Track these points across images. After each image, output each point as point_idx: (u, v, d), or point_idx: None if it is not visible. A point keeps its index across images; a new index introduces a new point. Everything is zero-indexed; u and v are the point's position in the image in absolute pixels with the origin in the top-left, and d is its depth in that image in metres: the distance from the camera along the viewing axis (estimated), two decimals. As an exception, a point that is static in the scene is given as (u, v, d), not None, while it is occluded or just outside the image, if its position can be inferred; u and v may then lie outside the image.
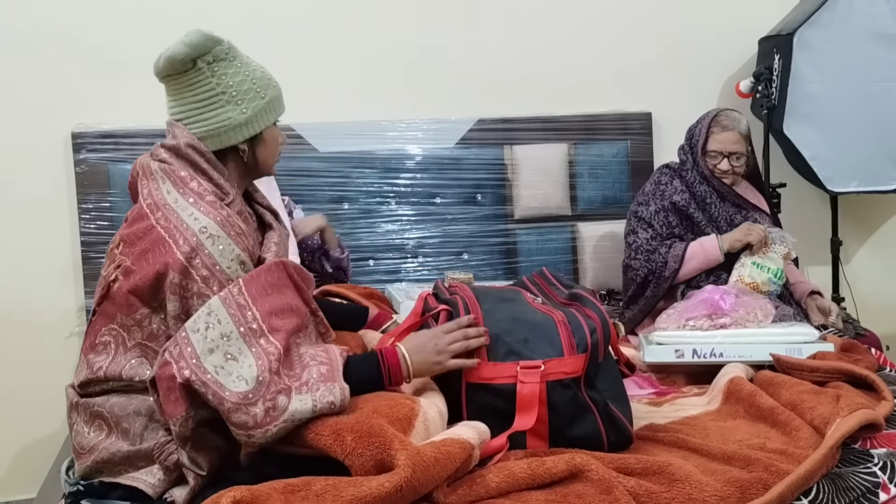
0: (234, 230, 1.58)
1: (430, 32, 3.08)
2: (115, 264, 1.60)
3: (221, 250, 1.55)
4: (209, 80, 1.65)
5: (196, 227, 1.54)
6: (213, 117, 1.65)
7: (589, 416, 1.65)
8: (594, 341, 1.66)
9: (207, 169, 1.64)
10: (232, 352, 1.46)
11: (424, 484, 1.38)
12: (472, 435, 1.51)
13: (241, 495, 1.32)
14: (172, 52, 1.63)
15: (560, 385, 1.63)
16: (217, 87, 1.65)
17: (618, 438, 1.67)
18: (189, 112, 1.66)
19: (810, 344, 2.12)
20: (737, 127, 2.57)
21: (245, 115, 1.67)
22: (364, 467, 1.40)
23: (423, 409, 1.56)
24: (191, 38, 1.64)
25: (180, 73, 1.65)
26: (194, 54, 1.64)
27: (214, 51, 1.65)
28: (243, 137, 1.68)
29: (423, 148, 3.04)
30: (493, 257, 3.08)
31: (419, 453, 1.39)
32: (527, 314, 1.74)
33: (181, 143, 1.63)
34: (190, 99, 1.66)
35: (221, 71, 1.66)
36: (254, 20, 2.93)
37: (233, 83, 1.66)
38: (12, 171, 2.83)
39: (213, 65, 1.65)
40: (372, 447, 1.40)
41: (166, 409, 1.45)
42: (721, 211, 2.60)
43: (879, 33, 2.95)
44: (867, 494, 1.54)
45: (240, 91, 1.67)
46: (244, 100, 1.67)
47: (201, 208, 1.57)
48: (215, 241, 1.54)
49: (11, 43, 2.81)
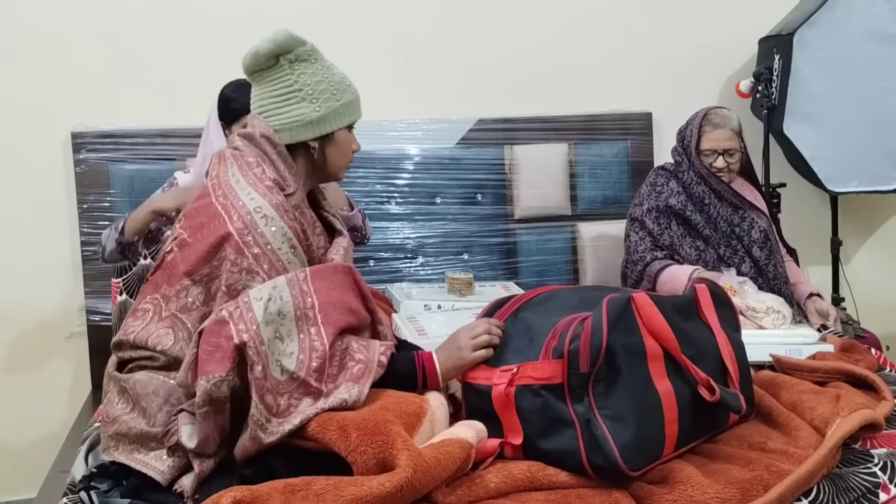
0: (287, 215, 1.65)
1: (431, 32, 3.08)
2: (174, 236, 1.68)
3: (273, 231, 1.62)
4: (289, 76, 1.73)
5: (251, 205, 1.62)
6: (288, 112, 1.73)
7: (567, 431, 1.52)
8: (573, 349, 1.51)
9: (275, 159, 1.72)
10: (282, 332, 1.52)
11: (425, 485, 1.38)
12: (470, 434, 1.51)
13: (241, 495, 1.32)
14: (257, 48, 1.72)
15: (529, 391, 1.55)
16: (295, 84, 1.73)
17: (605, 463, 1.48)
18: (267, 105, 1.74)
19: (810, 345, 2.12)
20: (728, 124, 2.57)
21: (318, 113, 1.75)
22: (366, 465, 1.40)
23: (431, 408, 1.57)
24: (277, 35, 1.73)
25: (264, 69, 1.74)
26: (278, 51, 1.73)
27: (297, 50, 1.75)
28: (314, 135, 1.76)
29: (423, 148, 3.04)
30: (493, 257, 3.08)
31: (420, 454, 1.39)
32: (538, 319, 1.70)
33: (256, 131, 1.72)
34: (269, 93, 1.74)
35: (301, 70, 1.74)
36: (254, 20, 2.93)
37: (310, 82, 1.75)
38: (12, 171, 2.83)
39: (294, 63, 1.74)
40: (375, 445, 1.40)
41: (207, 366, 1.47)
42: (720, 211, 2.58)
43: (879, 33, 2.95)
44: (867, 495, 1.54)
45: (316, 90, 1.75)
46: (319, 99, 1.75)
47: (259, 189, 1.65)
48: (268, 221, 1.62)
49: (11, 43, 2.81)
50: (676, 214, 2.58)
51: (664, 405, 1.56)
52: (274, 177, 1.69)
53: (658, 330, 1.59)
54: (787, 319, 2.24)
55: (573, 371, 1.52)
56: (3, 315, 2.86)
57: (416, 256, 3.02)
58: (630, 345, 1.55)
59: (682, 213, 2.57)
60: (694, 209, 2.58)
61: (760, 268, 2.55)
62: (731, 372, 1.71)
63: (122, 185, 2.80)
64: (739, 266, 2.53)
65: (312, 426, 1.46)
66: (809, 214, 3.31)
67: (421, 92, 3.08)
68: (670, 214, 2.59)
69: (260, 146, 1.71)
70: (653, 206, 2.60)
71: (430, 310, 2.45)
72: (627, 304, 1.58)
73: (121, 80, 2.86)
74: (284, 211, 1.65)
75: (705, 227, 2.57)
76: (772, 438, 1.69)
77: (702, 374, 1.60)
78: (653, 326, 1.59)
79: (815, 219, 3.31)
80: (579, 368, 1.51)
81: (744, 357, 1.79)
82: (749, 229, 2.56)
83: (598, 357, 1.50)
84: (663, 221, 2.59)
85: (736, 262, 2.54)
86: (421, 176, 3.03)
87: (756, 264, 2.55)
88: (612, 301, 1.56)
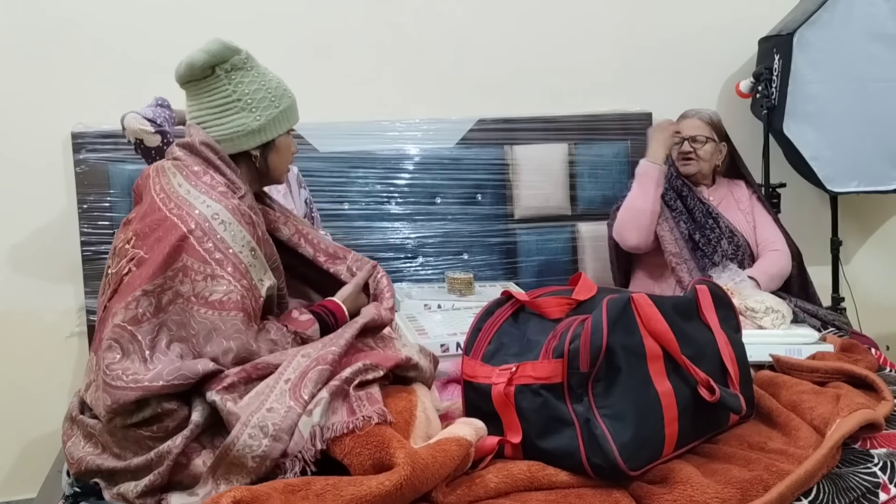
0: (244, 219, 1.65)
1: (431, 32, 3.08)
2: (128, 258, 1.63)
3: (233, 235, 1.62)
4: (226, 87, 1.73)
5: (208, 213, 1.62)
6: (228, 122, 1.73)
7: (567, 431, 1.52)
8: (573, 348, 1.51)
9: (220, 165, 1.71)
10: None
11: (424, 482, 1.38)
12: (469, 432, 1.51)
13: (241, 495, 1.32)
14: (192, 59, 1.71)
15: (529, 390, 1.55)
16: (233, 94, 1.73)
17: (604, 463, 1.48)
18: (206, 116, 1.74)
19: (810, 345, 2.12)
20: (697, 114, 2.77)
21: (259, 122, 1.75)
22: (362, 466, 1.40)
23: (420, 399, 1.58)
24: (210, 46, 1.71)
25: (199, 80, 1.73)
26: (213, 62, 1.71)
27: (232, 60, 1.74)
28: (255, 143, 1.76)
29: (423, 148, 3.04)
30: (493, 257, 3.08)
31: (417, 453, 1.39)
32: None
33: (196, 140, 1.71)
34: (207, 104, 1.74)
35: (238, 79, 1.74)
36: (254, 21, 2.93)
37: (248, 91, 1.74)
38: (12, 171, 2.83)
39: (230, 73, 1.73)
40: (370, 446, 1.40)
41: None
42: (697, 204, 2.71)
43: (879, 33, 2.94)
44: (867, 495, 1.54)
45: (255, 99, 1.75)
46: (258, 108, 1.75)
47: (213, 196, 1.64)
48: (227, 226, 1.62)
49: (11, 42, 2.81)
50: (663, 203, 2.70)
51: (664, 405, 1.56)
52: (224, 182, 1.69)
53: (658, 330, 1.59)
54: (786, 319, 2.25)
55: (573, 371, 1.52)
56: (3, 315, 2.86)
57: (416, 256, 3.02)
58: (630, 345, 1.55)
59: (663, 196, 2.69)
60: (674, 196, 2.72)
61: (729, 257, 2.65)
62: (731, 372, 1.72)
63: (122, 185, 2.80)
64: (712, 256, 2.65)
65: None
66: (809, 214, 3.31)
67: (421, 92, 3.08)
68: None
69: (202, 154, 1.71)
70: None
71: (430, 309, 2.45)
72: (627, 304, 1.58)
73: (121, 80, 2.85)
74: (241, 214, 1.65)
75: (682, 214, 2.70)
76: (772, 438, 1.69)
77: (701, 374, 1.60)
78: (652, 326, 1.59)
79: (815, 219, 3.31)
80: (579, 368, 1.52)
81: (744, 357, 1.80)
82: (717, 221, 2.69)
83: (597, 357, 1.51)
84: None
85: (709, 252, 2.65)
86: (421, 176, 3.03)
87: (725, 255, 2.66)
88: (611, 301, 1.56)
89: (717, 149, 2.77)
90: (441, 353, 2.01)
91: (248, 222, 1.65)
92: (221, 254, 1.59)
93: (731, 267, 2.53)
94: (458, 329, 2.10)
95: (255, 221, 1.68)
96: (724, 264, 2.57)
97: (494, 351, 1.67)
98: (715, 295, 1.80)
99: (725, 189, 2.83)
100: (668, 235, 2.62)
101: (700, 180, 2.80)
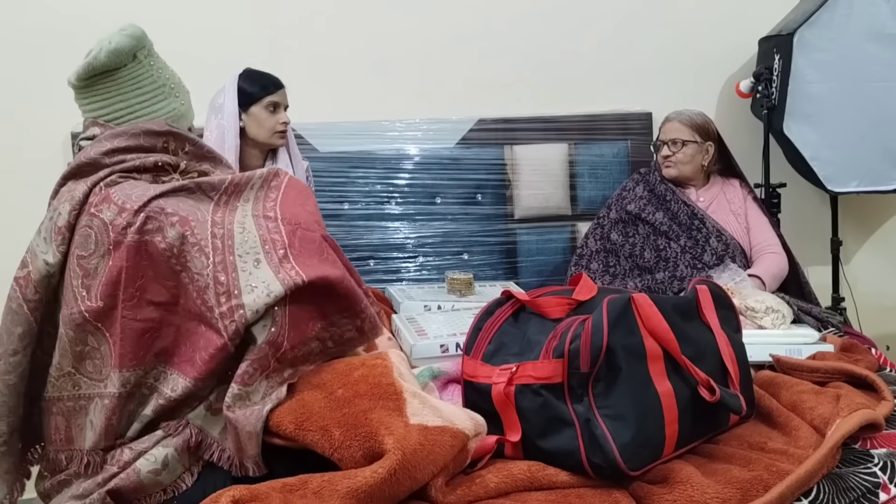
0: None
1: (431, 32, 3.08)
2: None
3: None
4: (150, 73, 1.69)
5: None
6: (160, 109, 1.69)
7: (567, 431, 1.52)
8: (573, 348, 1.51)
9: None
10: None
11: (417, 467, 1.37)
12: (468, 426, 1.50)
13: (240, 494, 1.32)
14: (118, 45, 1.64)
15: (529, 390, 1.55)
16: (158, 80, 1.70)
17: (605, 463, 1.49)
18: (135, 106, 1.67)
19: (810, 345, 2.12)
20: (678, 117, 2.77)
21: (184, 106, 1.74)
22: (353, 458, 1.40)
23: (395, 364, 1.58)
24: (132, 31, 1.67)
25: (119, 68, 1.66)
26: (138, 46, 1.66)
27: (147, 44, 1.70)
28: (185, 128, 1.73)
29: (423, 148, 3.04)
30: (493, 257, 3.07)
31: (405, 437, 1.38)
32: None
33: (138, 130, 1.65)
34: (135, 92, 1.67)
35: (157, 64, 1.71)
36: (254, 21, 2.93)
37: (168, 76, 1.72)
38: (12, 171, 2.83)
39: (149, 58, 1.69)
40: (359, 437, 1.40)
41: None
42: (681, 206, 2.72)
43: (879, 33, 2.94)
44: (867, 495, 1.54)
45: (175, 84, 1.73)
46: (180, 92, 1.74)
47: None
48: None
49: (11, 42, 2.81)
50: (636, 217, 2.76)
51: (664, 405, 1.56)
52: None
53: (658, 330, 1.59)
54: (786, 319, 2.25)
55: (573, 371, 1.52)
56: (3, 315, 2.86)
57: (416, 256, 3.02)
58: (630, 345, 1.55)
59: (640, 214, 2.74)
60: (655, 209, 2.73)
61: (720, 256, 2.65)
62: (732, 373, 1.71)
63: (122, 185, 2.80)
64: (701, 256, 2.65)
65: (289, 428, 1.45)
66: (809, 214, 3.31)
67: (421, 92, 3.08)
68: (629, 220, 2.78)
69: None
70: (616, 217, 2.80)
71: (430, 310, 2.45)
72: (628, 304, 1.58)
73: (121, 80, 2.85)
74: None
75: (664, 223, 2.71)
76: (772, 438, 1.69)
77: (702, 374, 1.60)
78: (653, 327, 1.59)
79: (815, 219, 3.31)
80: (579, 368, 1.52)
81: (744, 358, 1.79)
82: (703, 221, 2.69)
83: (598, 357, 1.51)
84: (629, 230, 2.77)
85: (698, 252, 2.65)
86: (421, 176, 3.03)
87: (715, 253, 2.66)
88: (612, 301, 1.56)
89: (701, 150, 2.77)
90: (441, 354, 2.00)
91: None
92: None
93: (731, 267, 2.53)
94: (458, 329, 2.10)
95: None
96: (725, 265, 2.56)
97: (495, 351, 1.67)
98: (715, 295, 1.80)
99: (718, 188, 2.82)
100: (651, 258, 2.70)
101: (686, 182, 2.80)
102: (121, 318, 1.50)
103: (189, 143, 1.68)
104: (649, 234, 2.70)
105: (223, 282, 1.49)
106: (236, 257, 1.50)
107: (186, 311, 1.52)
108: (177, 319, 1.53)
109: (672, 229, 2.70)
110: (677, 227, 2.70)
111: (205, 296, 1.49)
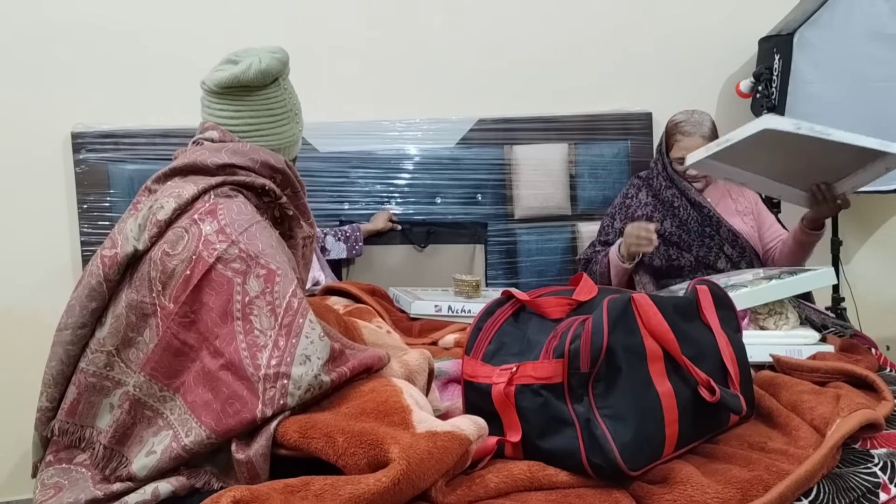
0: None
1: (431, 32, 3.08)
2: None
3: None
4: (282, 96, 1.72)
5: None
6: (283, 132, 1.73)
7: (567, 431, 1.50)
8: (574, 348, 1.50)
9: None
10: None
11: (421, 477, 1.37)
12: (471, 430, 1.50)
13: (240, 495, 1.31)
14: (268, 67, 1.66)
15: (529, 390, 1.54)
16: (286, 104, 1.73)
17: (605, 463, 1.47)
18: (262, 125, 1.70)
19: (810, 345, 2.12)
20: (698, 131, 2.63)
21: (301, 132, 1.78)
22: (357, 466, 1.39)
23: (404, 387, 1.57)
24: (282, 56, 1.70)
25: (260, 88, 1.68)
26: (283, 72, 1.70)
27: (288, 70, 1.73)
28: (295, 154, 1.79)
29: (423, 148, 3.04)
30: (493, 257, 3.08)
31: (412, 446, 1.38)
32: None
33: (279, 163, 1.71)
34: (265, 113, 1.70)
35: (289, 89, 1.74)
36: (253, 21, 2.93)
37: (294, 101, 1.76)
38: (12, 171, 2.84)
39: (285, 82, 1.73)
40: (364, 445, 1.39)
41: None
42: (690, 213, 2.65)
43: (879, 33, 2.94)
44: (867, 495, 1.54)
45: (298, 110, 1.77)
46: (300, 119, 1.78)
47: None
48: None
49: (11, 43, 2.81)
50: None
51: (664, 406, 1.56)
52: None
53: (658, 330, 1.59)
54: (790, 321, 2.24)
55: (573, 371, 1.51)
56: (3, 315, 2.86)
57: (416, 256, 3.03)
58: (630, 345, 1.55)
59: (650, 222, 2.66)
60: (663, 217, 2.66)
61: (734, 263, 2.62)
62: (732, 373, 1.71)
63: (122, 185, 2.80)
64: (715, 263, 2.61)
65: (294, 437, 1.44)
66: (809, 214, 3.30)
67: (421, 92, 3.08)
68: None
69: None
70: (621, 227, 2.68)
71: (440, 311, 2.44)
72: (628, 304, 1.58)
73: (121, 80, 2.86)
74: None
75: (675, 233, 2.64)
76: (772, 438, 1.68)
77: (702, 374, 1.60)
78: (653, 327, 1.59)
79: (816, 219, 3.31)
80: (579, 368, 1.51)
81: (744, 358, 1.79)
82: (718, 227, 2.63)
83: (598, 357, 1.50)
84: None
85: (711, 260, 2.62)
86: (421, 176, 3.03)
87: (730, 260, 2.62)
88: (612, 301, 1.56)
89: None
90: (434, 313, 2.13)
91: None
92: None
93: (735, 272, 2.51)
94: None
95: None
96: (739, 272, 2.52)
97: (495, 351, 1.67)
98: (715, 295, 1.80)
99: (723, 189, 2.77)
100: (662, 265, 2.66)
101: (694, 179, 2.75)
102: (164, 328, 1.51)
103: (292, 188, 1.72)
104: (659, 245, 2.59)
105: (281, 346, 1.48)
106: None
107: (219, 355, 1.49)
108: (208, 362, 1.51)
109: (683, 240, 2.64)
110: (687, 236, 2.64)
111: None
